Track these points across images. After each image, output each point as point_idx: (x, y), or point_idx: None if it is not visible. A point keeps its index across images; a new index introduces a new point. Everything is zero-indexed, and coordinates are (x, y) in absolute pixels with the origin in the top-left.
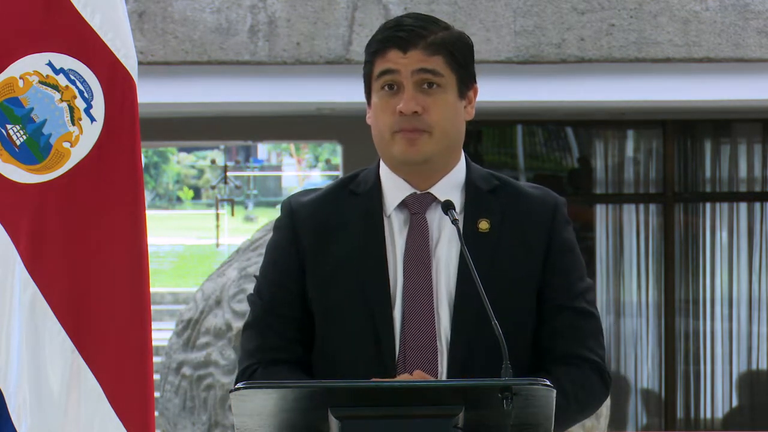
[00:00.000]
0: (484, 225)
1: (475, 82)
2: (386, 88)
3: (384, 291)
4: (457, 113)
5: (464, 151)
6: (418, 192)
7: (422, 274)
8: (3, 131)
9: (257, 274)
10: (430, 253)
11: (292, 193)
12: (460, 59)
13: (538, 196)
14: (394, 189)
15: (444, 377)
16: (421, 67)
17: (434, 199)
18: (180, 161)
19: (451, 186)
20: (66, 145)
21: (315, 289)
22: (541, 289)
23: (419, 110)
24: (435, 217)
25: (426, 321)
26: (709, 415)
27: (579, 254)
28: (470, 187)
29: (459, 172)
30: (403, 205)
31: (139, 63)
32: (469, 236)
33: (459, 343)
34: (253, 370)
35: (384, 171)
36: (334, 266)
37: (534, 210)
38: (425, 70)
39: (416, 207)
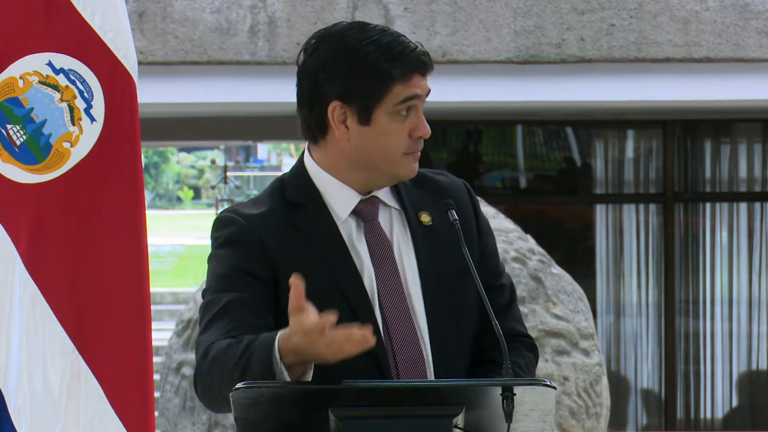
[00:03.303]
0: (425, 218)
1: None
2: (403, 111)
3: (365, 299)
4: None
5: (463, 151)
6: (363, 196)
7: (392, 279)
8: (3, 131)
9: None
10: (394, 258)
11: (222, 210)
12: None
13: (450, 182)
14: (339, 196)
15: (432, 377)
16: (429, 89)
17: (380, 201)
18: (180, 161)
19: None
20: (66, 145)
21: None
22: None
23: None
24: (385, 221)
25: (406, 324)
26: (709, 415)
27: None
28: (398, 183)
29: None
30: (353, 212)
31: (139, 63)
32: (416, 230)
33: (438, 341)
34: (207, 353)
35: (322, 178)
36: (311, 281)
37: (455, 197)
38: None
39: (368, 214)
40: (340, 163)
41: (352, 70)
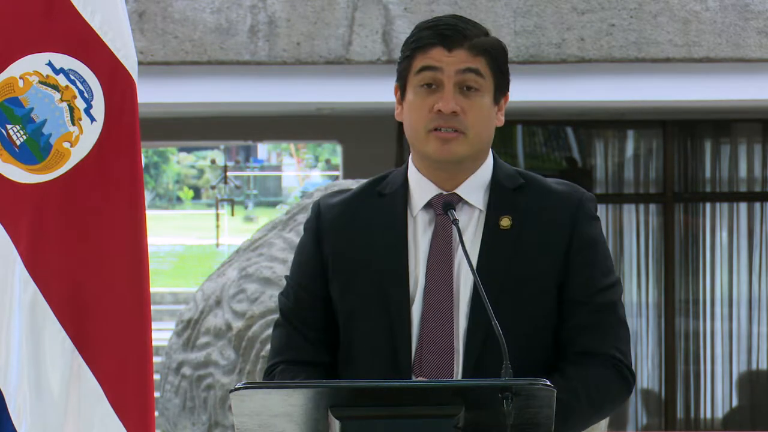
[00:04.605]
0: (506, 222)
1: (508, 89)
2: (424, 85)
3: (403, 291)
4: (490, 118)
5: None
6: (444, 192)
7: (443, 274)
8: (3, 131)
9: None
10: (452, 254)
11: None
12: (501, 65)
13: (563, 192)
14: (420, 190)
15: (459, 377)
16: (467, 66)
17: (460, 199)
18: (180, 161)
19: (476, 186)
20: (66, 145)
21: (338, 291)
22: (563, 285)
23: (458, 110)
24: (460, 218)
25: (444, 321)
26: (709, 415)
27: (604, 250)
28: (495, 185)
29: (485, 171)
30: (429, 205)
31: (139, 63)
32: (490, 233)
33: (475, 344)
34: (274, 369)
35: (412, 172)
36: (357, 268)
37: (558, 206)
38: (469, 70)
39: (442, 208)
40: (412, 151)
41: (401, 52)
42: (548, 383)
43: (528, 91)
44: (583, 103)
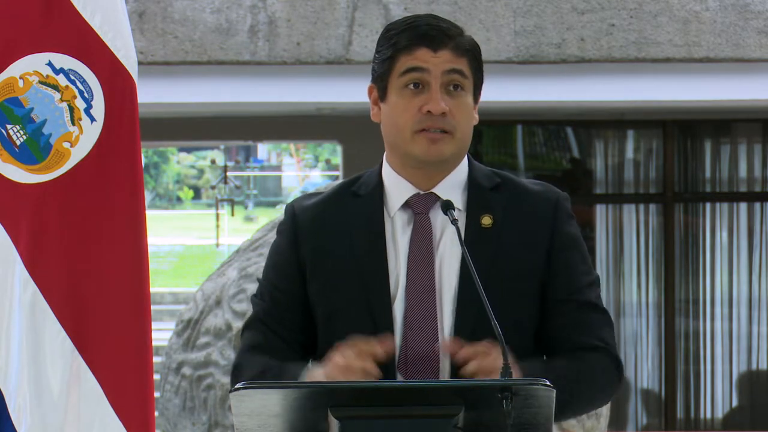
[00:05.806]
0: (486, 221)
1: (481, 88)
2: (410, 86)
3: (384, 292)
4: (472, 117)
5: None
6: (422, 192)
7: (425, 274)
8: (3, 131)
9: (260, 276)
10: (433, 253)
11: (296, 195)
12: (479, 64)
13: (539, 191)
14: (397, 190)
15: (446, 376)
16: (452, 67)
17: (437, 198)
18: (180, 161)
19: (453, 185)
20: (66, 145)
21: (318, 293)
22: (545, 285)
23: (446, 111)
24: (438, 217)
25: (428, 321)
26: (709, 415)
27: (583, 248)
28: (473, 185)
29: (461, 171)
30: (406, 205)
31: (139, 63)
32: (472, 232)
33: (461, 341)
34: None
35: (387, 172)
36: (336, 269)
37: (536, 206)
38: (455, 71)
39: (420, 207)
40: (387, 152)
41: (377, 51)
42: (548, 383)
43: (528, 91)
44: (583, 103)
